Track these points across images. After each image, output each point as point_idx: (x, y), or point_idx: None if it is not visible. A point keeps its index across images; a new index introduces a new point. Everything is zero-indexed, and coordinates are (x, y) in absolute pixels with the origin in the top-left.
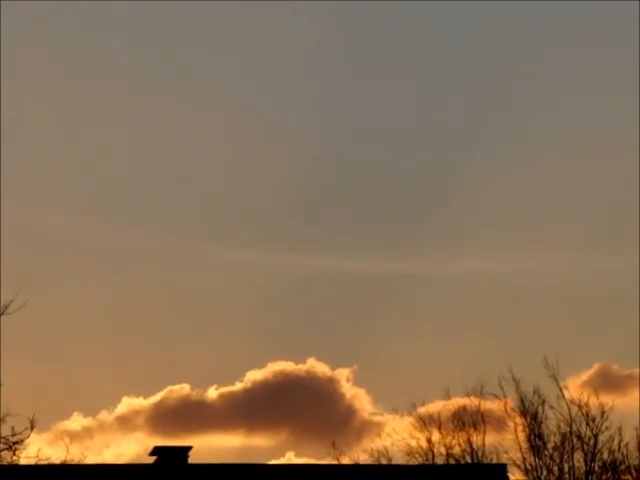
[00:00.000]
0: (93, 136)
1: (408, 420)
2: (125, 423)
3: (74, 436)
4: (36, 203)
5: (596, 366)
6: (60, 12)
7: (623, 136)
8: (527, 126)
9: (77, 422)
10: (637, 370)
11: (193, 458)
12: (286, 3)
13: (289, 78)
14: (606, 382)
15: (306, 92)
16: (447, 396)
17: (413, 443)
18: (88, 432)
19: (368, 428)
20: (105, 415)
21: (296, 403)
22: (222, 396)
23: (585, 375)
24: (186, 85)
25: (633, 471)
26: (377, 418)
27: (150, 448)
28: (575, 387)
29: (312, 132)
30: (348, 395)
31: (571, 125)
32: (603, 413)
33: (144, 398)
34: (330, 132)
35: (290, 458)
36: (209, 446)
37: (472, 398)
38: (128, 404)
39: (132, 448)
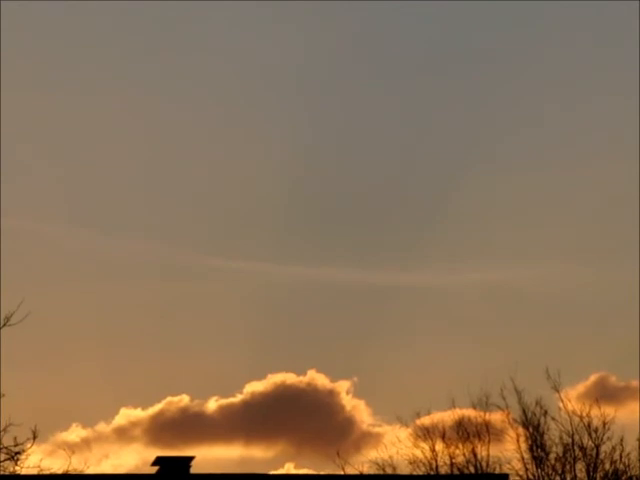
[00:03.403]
0: (93, 146)
1: (408, 431)
2: (123, 434)
3: (72, 447)
4: (37, 214)
5: (593, 377)
6: (60, 12)
7: (623, 144)
8: (526, 135)
9: (76, 433)
10: (634, 381)
11: (193, 469)
12: (286, 3)
13: (287, 86)
14: (603, 393)
15: (305, 102)
16: (451, 407)
17: (418, 453)
18: (87, 443)
19: (367, 439)
20: (103, 426)
21: (296, 415)
22: (221, 408)
23: (582, 386)
24: (186, 95)
25: None
26: (376, 429)
27: (149, 459)
28: (572, 398)
29: (309, 143)
30: (348, 407)
31: (569, 134)
32: (605, 424)
33: (142, 409)
34: (327, 143)
35: (289, 469)
36: (208, 458)
37: (474, 409)
38: (126, 415)
39: (131, 459)
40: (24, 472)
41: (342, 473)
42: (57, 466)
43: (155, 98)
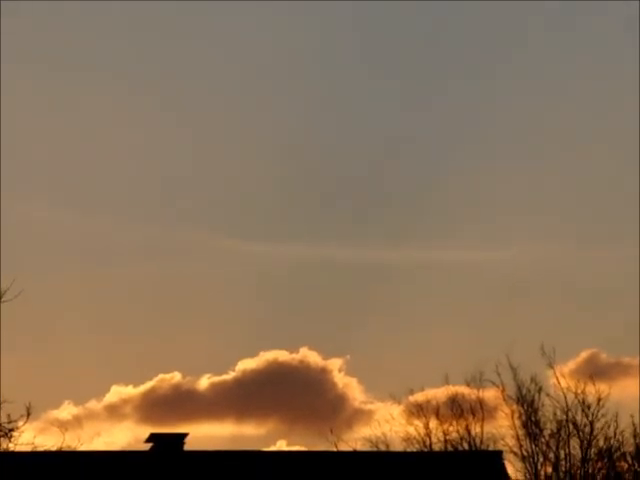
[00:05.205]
0: (89, 131)
1: (400, 408)
2: (115, 412)
3: (64, 425)
4: (33, 196)
5: (584, 354)
6: (62, 10)
7: (623, 127)
8: (525, 115)
9: (67, 411)
10: (625, 358)
11: (186, 446)
12: (283, 3)
13: (283, 71)
14: (594, 370)
15: (299, 84)
16: (444, 383)
17: (411, 430)
18: (78, 421)
19: (359, 416)
20: (94, 404)
21: (288, 392)
22: (214, 385)
23: (573, 363)
24: (179, 80)
25: (629, 458)
26: (368, 406)
27: (141, 437)
28: (564, 374)
29: (301, 126)
30: (340, 384)
31: (570, 115)
32: (599, 400)
33: (134, 386)
34: (318, 123)
35: (281, 446)
36: (200, 435)
37: (467, 386)
38: (117, 392)
39: (123, 437)
40: (18, 449)
41: (335, 450)
42: (50, 443)
43: (153, 88)
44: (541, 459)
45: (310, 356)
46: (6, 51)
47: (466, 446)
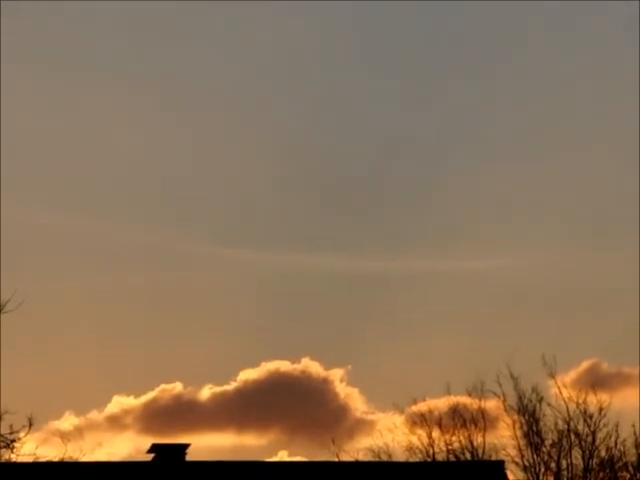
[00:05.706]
0: (89, 131)
1: (402, 418)
2: (116, 422)
3: (66, 435)
4: (34, 202)
5: (585, 364)
6: (62, 10)
7: (623, 127)
8: (526, 122)
9: (69, 422)
10: (626, 368)
11: (188, 457)
12: (283, 3)
13: (283, 71)
14: (595, 380)
15: (299, 84)
16: (445, 394)
17: (414, 440)
18: (80, 432)
19: (361, 427)
20: (96, 414)
21: (290, 402)
22: (215, 395)
23: (574, 373)
24: (179, 80)
25: (630, 468)
26: (370, 417)
27: (142, 448)
28: (565, 384)
29: (301, 126)
30: (342, 394)
31: (570, 115)
32: (601, 410)
33: (135, 397)
34: (318, 123)
35: (283, 457)
36: (201, 446)
37: (469, 396)
38: (119, 403)
39: (124, 447)
40: (20, 460)
41: (337, 460)
42: (51, 454)
43: (153, 91)
44: (543, 469)
45: (312, 366)
46: (6, 51)
47: (468, 456)
